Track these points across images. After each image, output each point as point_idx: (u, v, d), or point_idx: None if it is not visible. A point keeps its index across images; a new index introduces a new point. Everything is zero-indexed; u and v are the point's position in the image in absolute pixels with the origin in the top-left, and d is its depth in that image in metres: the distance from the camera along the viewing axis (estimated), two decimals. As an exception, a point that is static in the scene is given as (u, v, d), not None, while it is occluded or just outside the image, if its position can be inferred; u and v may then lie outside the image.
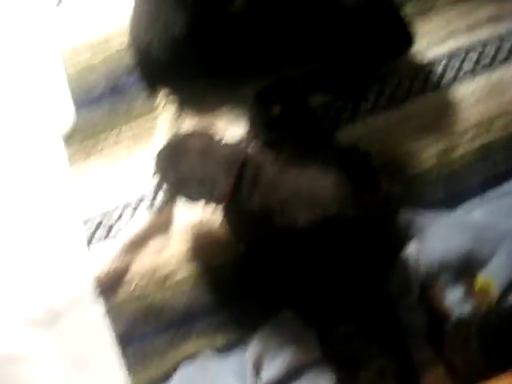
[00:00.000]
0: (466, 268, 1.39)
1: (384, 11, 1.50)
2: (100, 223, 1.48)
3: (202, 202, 1.28)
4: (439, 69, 1.63)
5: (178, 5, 1.47)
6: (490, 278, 1.38)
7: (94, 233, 1.47)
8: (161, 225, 1.47)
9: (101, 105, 1.57)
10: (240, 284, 1.42)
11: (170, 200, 1.47)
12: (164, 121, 1.54)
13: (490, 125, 1.58)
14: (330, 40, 1.49)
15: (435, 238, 1.42)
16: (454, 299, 1.37)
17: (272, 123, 1.45)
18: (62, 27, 1.67)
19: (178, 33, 1.48)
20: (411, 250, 1.39)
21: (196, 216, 1.45)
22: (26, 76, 1.62)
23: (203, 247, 1.45)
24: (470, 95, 1.61)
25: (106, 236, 1.47)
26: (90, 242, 1.46)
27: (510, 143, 1.57)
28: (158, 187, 1.47)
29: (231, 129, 1.54)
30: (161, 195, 1.47)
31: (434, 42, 1.65)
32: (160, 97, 1.57)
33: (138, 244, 1.45)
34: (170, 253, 1.45)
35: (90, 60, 1.62)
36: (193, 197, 1.28)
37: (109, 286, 1.43)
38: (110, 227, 1.47)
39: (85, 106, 1.57)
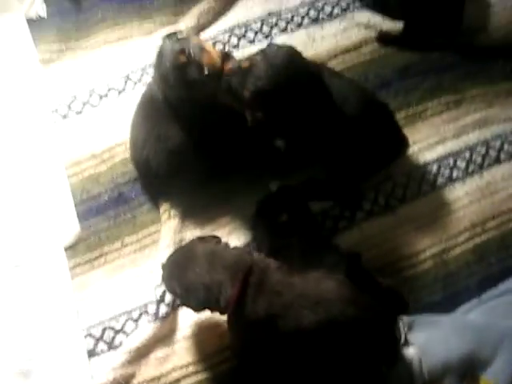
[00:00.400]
0: (468, 369, 1.40)
1: (381, 117, 1.57)
2: (102, 334, 1.48)
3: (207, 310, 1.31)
4: (431, 173, 1.69)
5: (171, 118, 1.53)
6: (492, 379, 1.38)
7: (96, 343, 1.48)
8: (164, 334, 1.48)
9: (105, 215, 1.61)
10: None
11: (174, 309, 1.49)
12: (167, 231, 1.57)
13: (483, 225, 1.63)
14: (329, 147, 1.54)
15: (436, 341, 1.43)
16: (458, 402, 1.38)
17: (278, 230, 1.49)
18: (67, 138, 1.72)
19: (172, 145, 1.53)
20: (413, 353, 1.40)
21: (199, 322, 1.47)
22: (29, 186, 1.66)
23: (206, 355, 1.46)
24: (463, 197, 1.67)
25: (109, 347, 1.47)
26: (91, 352, 1.47)
27: (504, 243, 1.61)
28: (163, 297, 1.49)
29: (232, 238, 1.58)
30: (164, 305, 1.49)
31: (424, 148, 1.72)
32: (163, 207, 1.61)
33: (141, 354, 1.45)
34: (174, 361, 1.46)
35: (94, 170, 1.67)
36: (199, 305, 1.30)
37: (111, 397, 1.42)
38: (113, 338, 1.48)
39: (89, 216, 1.61)
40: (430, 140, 1.74)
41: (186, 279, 1.29)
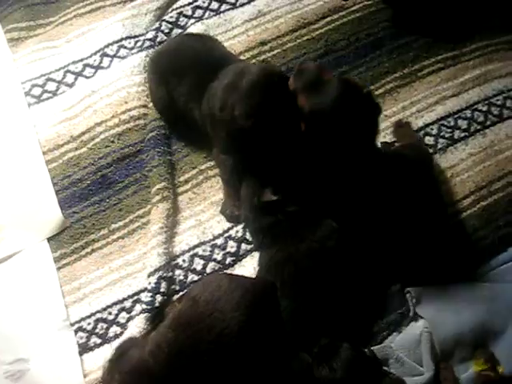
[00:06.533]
0: (479, 341, 1.35)
1: None
2: (95, 327, 1.39)
3: None
4: (432, 135, 1.61)
5: None
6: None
7: (88, 337, 1.39)
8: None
9: (89, 201, 1.52)
10: None
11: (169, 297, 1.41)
12: (159, 215, 1.47)
13: (489, 187, 1.56)
14: None
15: (446, 313, 1.37)
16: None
17: (263, 208, 1.40)
18: (42, 122, 1.62)
19: None
20: (422, 326, 1.35)
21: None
22: (6, 175, 1.57)
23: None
24: (466, 159, 1.60)
25: (102, 340, 1.38)
26: (84, 347, 1.38)
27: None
28: (158, 285, 1.40)
29: (222, 218, 1.50)
30: (159, 293, 1.39)
31: (423, 109, 1.65)
32: (155, 188, 1.51)
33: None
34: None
35: (74, 153, 1.58)
36: None
37: None
38: (106, 330, 1.39)
39: (72, 203, 1.52)
40: (428, 100, 1.66)
41: None
